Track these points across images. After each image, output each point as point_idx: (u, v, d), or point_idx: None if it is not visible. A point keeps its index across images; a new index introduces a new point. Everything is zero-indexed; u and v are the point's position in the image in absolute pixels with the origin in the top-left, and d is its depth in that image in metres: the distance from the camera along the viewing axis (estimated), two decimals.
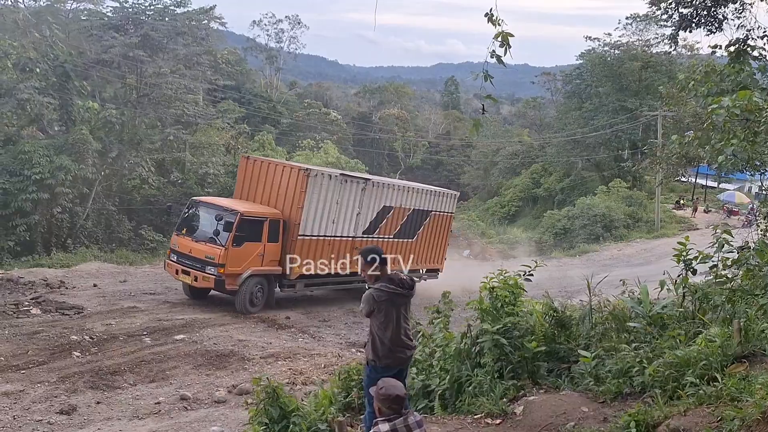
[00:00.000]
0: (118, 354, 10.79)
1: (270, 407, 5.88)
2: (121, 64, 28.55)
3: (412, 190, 18.68)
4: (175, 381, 10.06)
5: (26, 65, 24.20)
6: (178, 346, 11.65)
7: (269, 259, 14.74)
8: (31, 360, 10.01)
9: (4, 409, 8.21)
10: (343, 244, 16.28)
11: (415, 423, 3.92)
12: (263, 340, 12.90)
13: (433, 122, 67.16)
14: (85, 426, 8.10)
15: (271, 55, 63.62)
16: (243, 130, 37.47)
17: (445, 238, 20.39)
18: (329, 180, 15.78)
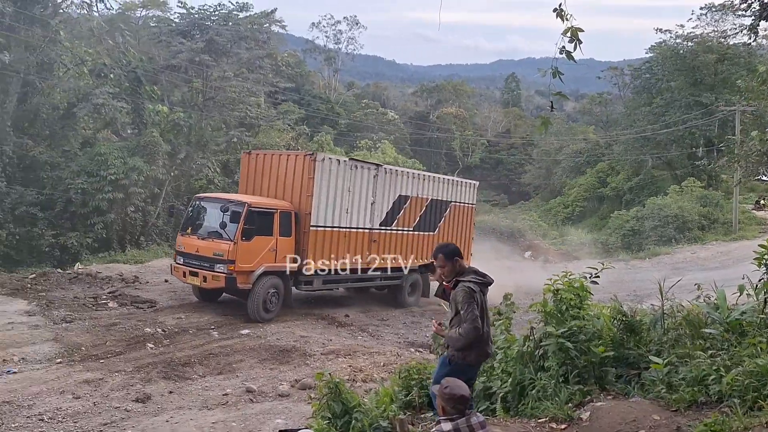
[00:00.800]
0: (188, 346, 11.25)
1: (333, 402, 6.00)
2: (188, 69, 29.59)
3: (428, 178, 17.71)
4: (241, 374, 10.40)
5: (101, 71, 25.45)
6: (243, 340, 12.04)
7: (283, 255, 13.80)
8: (109, 350, 10.58)
9: (85, 396, 8.72)
10: (359, 237, 15.39)
11: (478, 424, 3.92)
12: (324, 337, 13.14)
13: (493, 120, 66.30)
14: (158, 414, 8.50)
15: (329, 56, 64.52)
16: (303, 131, 38.15)
17: (470, 232, 19.24)
18: (338, 165, 14.82)
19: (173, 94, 31.62)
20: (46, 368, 9.44)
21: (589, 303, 6.49)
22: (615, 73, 55.44)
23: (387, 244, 15.97)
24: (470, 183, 19.59)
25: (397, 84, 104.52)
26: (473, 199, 19.36)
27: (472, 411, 4.04)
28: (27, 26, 22.32)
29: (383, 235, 15.88)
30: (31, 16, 22.34)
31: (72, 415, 8.17)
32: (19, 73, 21.96)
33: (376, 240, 15.63)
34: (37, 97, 23.28)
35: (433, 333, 9.94)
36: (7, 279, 14.61)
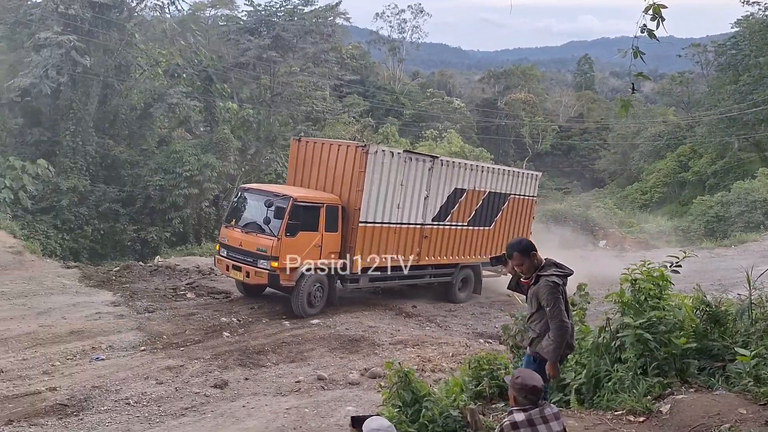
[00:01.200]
0: (261, 335, 11.59)
1: (403, 391, 6.03)
2: (256, 66, 30.35)
3: (487, 171, 16.65)
4: (312, 362, 10.62)
5: (174, 71, 26.52)
6: (314, 329, 12.28)
7: (328, 251, 13.13)
8: (188, 338, 11.05)
9: (168, 381, 9.16)
10: (410, 233, 14.57)
11: (552, 415, 3.83)
12: (392, 327, 13.20)
13: (564, 105, 64.27)
14: (236, 399, 8.81)
15: (393, 46, 64.53)
16: (368, 123, 38.43)
17: (528, 226, 18.20)
18: (391, 158, 13.90)
19: (242, 91, 32.54)
20: (131, 355, 9.96)
21: (670, 293, 6.20)
22: (697, 51, 52.28)
23: (439, 240, 15.28)
24: (532, 174, 18.60)
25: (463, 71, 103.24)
26: (534, 191, 18.40)
27: (546, 402, 3.95)
28: (105, 31, 23.54)
29: (435, 231, 15.12)
30: (108, 21, 23.52)
31: (156, 399, 8.60)
32: (99, 76, 23.21)
33: (427, 236, 14.90)
34: (116, 98, 24.55)
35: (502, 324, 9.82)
36: (93, 272, 15.50)
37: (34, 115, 22.94)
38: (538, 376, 4.00)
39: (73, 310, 11.90)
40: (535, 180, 18.44)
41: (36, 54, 21.39)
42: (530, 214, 18.24)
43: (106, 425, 7.76)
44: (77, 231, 20.76)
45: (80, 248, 20.56)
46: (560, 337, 4.82)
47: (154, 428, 7.78)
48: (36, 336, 10.28)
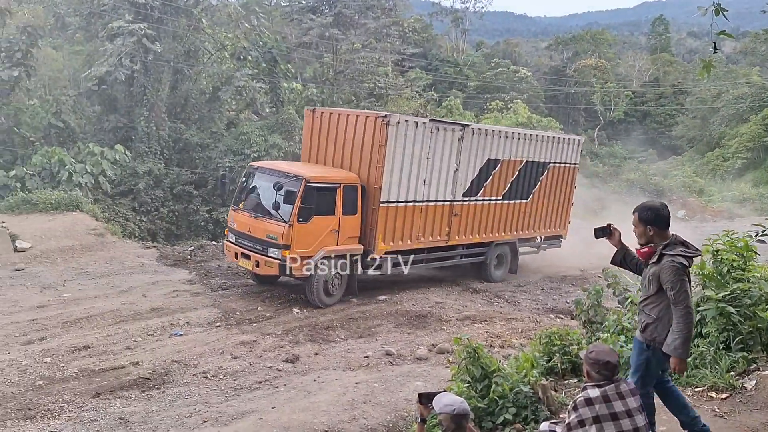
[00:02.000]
0: (330, 311, 11.79)
1: (472, 366, 5.97)
2: (319, 45, 30.50)
3: (524, 137, 15.27)
4: (380, 337, 10.73)
5: (240, 54, 26.99)
6: (380, 305, 12.37)
7: (347, 236, 12.06)
8: (260, 315, 11.39)
9: (242, 356, 9.49)
10: (438, 211, 13.48)
11: (629, 391, 3.68)
12: (459, 303, 13.13)
13: (638, 69, 60.98)
14: (306, 374, 9.03)
15: (456, 17, 63.09)
16: (431, 97, 37.92)
17: (569, 197, 16.96)
18: (415, 128, 12.62)
19: (305, 71, 32.83)
20: (207, 331, 10.37)
21: (755, 264, 5.80)
22: None
23: (470, 217, 14.22)
24: (574, 140, 17.14)
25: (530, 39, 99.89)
26: (576, 157, 17.05)
27: (622, 378, 3.79)
28: (173, 17, 24.21)
29: (466, 207, 14.03)
30: (176, 7, 24.16)
31: (231, 373, 8.93)
32: (169, 62, 23.98)
33: (457, 213, 13.82)
34: (186, 83, 25.29)
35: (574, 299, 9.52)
36: (170, 251, 16.21)
37: (110, 102, 24.02)
38: (614, 352, 3.83)
39: (153, 289, 12.49)
40: (577, 146, 17.14)
41: (110, 43, 22.30)
42: (572, 184, 17.02)
43: (186, 398, 8.13)
44: (154, 213, 21.69)
45: (157, 229, 21.49)
46: (687, 327, 4.18)
47: (231, 401, 8.08)
48: (119, 313, 10.88)
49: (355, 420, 7.46)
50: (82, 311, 10.83)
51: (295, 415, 7.46)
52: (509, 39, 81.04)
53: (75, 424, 7.30)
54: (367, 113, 13.02)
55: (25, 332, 9.81)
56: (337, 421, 7.38)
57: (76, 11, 25.54)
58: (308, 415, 7.46)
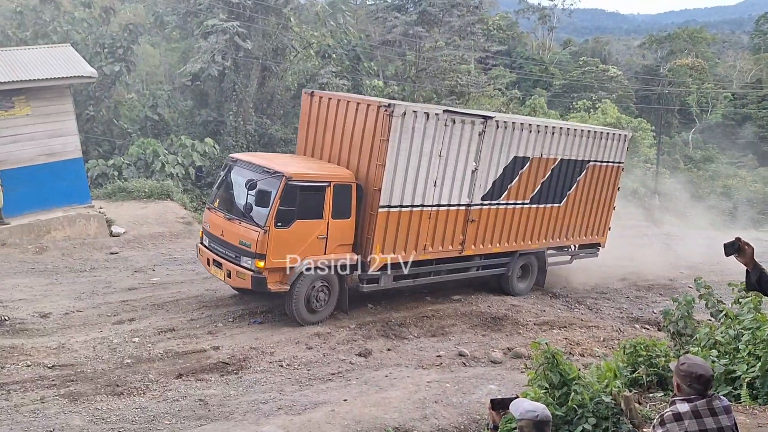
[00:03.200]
0: (403, 308, 11.75)
1: (550, 372, 5.74)
2: (402, 42, 30.55)
3: (560, 132, 13.06)
4: (454, 338, 10.57)
5: (325, 52, 27.49)
6: (455, 305, 12.19)
7: (337, 244, 10.26)
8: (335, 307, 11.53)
9: (316, 347, 9.64)
10: (451, 217, 11.53)
11: (722, 408, 3.38)
12: (537, 308, 12.73)
13: (739, 70, 56.99)
14: (378, 369, 9.03)
15: (544, 14, 61.43)
16: (514, 95, 37.12)
17: (611, 200, 14.73)
18: (426, 121, 10.64)
19: (387, 68, 32.97)
20: (284, 320, 10.60)
21: None
22: None
23: (490, 223, 12.26)
24: (619, 134, 14.74)
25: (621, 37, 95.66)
26: (621, 155, 14.68)
27: (715, 394, 3.49)
28: (264, 16, 25.00)
29: (486, 213, 12.08)
30: (267, 6, 24.94)
31: (305, 363, 9.08)
32: (258, 59, 24.76)
33: (474, 219, 11.88)
34: (273, 80, 26.04)
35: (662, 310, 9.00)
36: None
37: (202, 97, 25.15)
38: (707, 365, 3.54)
39: None
40: (623, 142, 14.68)
41: (204, 41, 23.33)
42: (614, 185, 14.75)
43: (262, 384, 8.34)
44: None
45: None
46: None
47: (304, 390, 8.21)
48: (202, 299, 11.33)
49: (426, 419, 7.38)
50: (168, 295, 11.36)
51: (366, 409, 7.47)
52: (599, 37, 77.95)
53: (158, 402, 7.65)
54: (369, 100, 11.03)
55: (116, 312, 10.41)
56: (408, 418, 7.33)
57: (174, 10, 26.90)
58: (379, 410, 7.45)
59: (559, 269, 14.81)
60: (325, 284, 10.35)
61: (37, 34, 23.38)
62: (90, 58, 20.75)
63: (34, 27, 23.72)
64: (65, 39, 22.21)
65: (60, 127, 15.56)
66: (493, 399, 3.73)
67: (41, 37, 23.16)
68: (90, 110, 22.84)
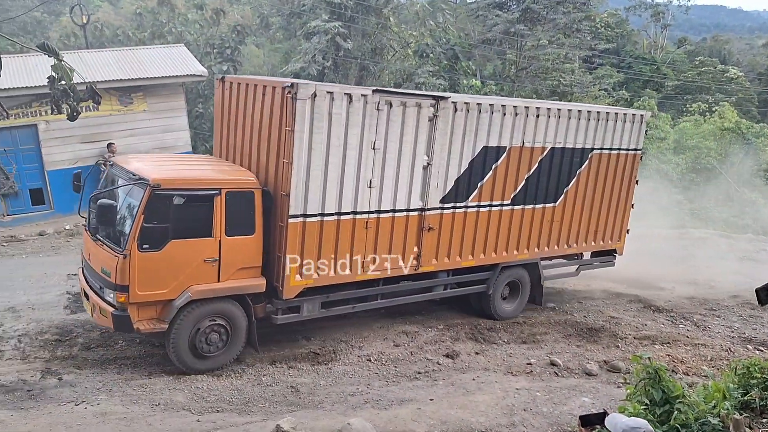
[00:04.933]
0: None
1: (651, 388, 5.42)
2: (502, 41, 30.03)
3: (547, 114, 10.47)
4: (546, 346, 10.23)
5: (423, 51, 27.55)
6: (548, 313, 11.81)
7: (237, 267, 8.05)
8: (423, 307, 11.49)
9: (403, 345, 9.67)
10: (398, 226, 9.19)
11: None
12: (637, 321, 12.06)
13: None
14: (466, 371, 8.92)
15: (657, 11, 58.09)
16: (621, 96, 35.39)
17: (627, 196, 12.24)
18: (348, 104, 8.30)
19: (485, 68, 32.52)
20: (372, 317, 10.71)
21: None
22: None
23: (456, 231, 9.87)
24: (632, 115, 11.97)
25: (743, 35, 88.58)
26: (637, 140, 12.04)
27: None
28: (364, 16, 25.43)
29: (448, 218, 9.71)
30: (368, 6, 25.35)
31: (393, 360, 9.14)
32: (356, 59, 25.24)
33: (433, 227, 9.54)
34: (370, 79, 26.44)
35: None
36: None
37: None
38: None
39: None
40: (638, 124, 12.02)
41: (306, 41, 24.09)
42: (631, 178, 12.20)
43: (350, 377, 8.48)
44: None
45: None
46: None
47: (391, 387, 8.26)
48: None
49: (514, 426, 7.19)
50: None
51: (452, 410, 7.40)
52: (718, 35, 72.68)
53: (253, 386, 8.00)
54: (275, 81, 8.44)
55: None
56: (495, 423, 7.17)
57: (279, 11, 27.98)
58: (466, 412, 7.35)
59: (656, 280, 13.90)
60: (220, 321, 8.08)
61: (154, 34, 25.15)
62: (201, 58, 22.05)
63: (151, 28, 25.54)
64: (179, 39, 23.74)
65: (173, 123, 16.66)
66: (582, 415, 3.57)
67: (158, 37, 24.89)
68: (199, 107, 24.24)
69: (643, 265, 14.67)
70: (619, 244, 12.54)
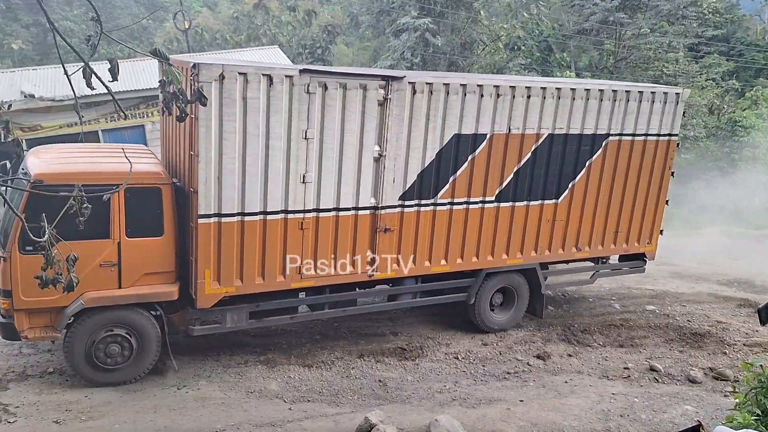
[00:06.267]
0: (587, 314, 11.07)
1: (764, 397, 4.99)
2: (599, 31, 28.72)
3: (541, 94, 8.83)
4: (645, 351, 9.70)
5: (515, 44, 26.92)
6: (647, 316, 11.20)
7: (143, 272, 7.33)
8: None
9: (492, 344, 9.49)
10: (344, 227, 8.03)
11: None
12: (748, 327, 11.15)
13: None
14: (557, 374, 8.63)
15: None
16: (731, 86, 32.88)
17: (659, 191, 10.28)
18: (269, 86, 7.13)
19: (580, 59, 31.25)
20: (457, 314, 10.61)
21: None
22: None
23: (422, 232, 8.59)
24: (661, 93, 9.87)
25: None
26: (671, 124, 10.02)
27: None
28: (454, 11, 25.20)
29: (410, 218, 8.42)
30: (457, 1, 25.10)
31: (481, 358, 9.00)
32: (445, 54, 25.05)
33: (390, 228, 8.30)
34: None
35: None
36: None
37: None
38: None
39: None
40: (672, 104, 9.97)
41: (395, 39, 24.21)
42: (663, 169, 10.20)
43: (437, 374, 8.45)
44: None
45: None
46: None
47: (479, 385, 8.15)
48: None
49: None
50: None
51: (543, 413, 7.19)
52: None
53: (342, 378, 8.16)
54: (187, 62, 7.13)
55: None
56: (589, 428, 6.90)
57: (368, 9, 28.30)
58: (558, 415, 7.12)
59: None
60: (120, 332, 7.41)
61: (249, 37, 26.23)
62: (293, 58, 22.74)
63: (247, 31, 26.65)
64: (273, 41, 24.61)
65: None
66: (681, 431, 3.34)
67: (253, 40, 25.93)
68: None
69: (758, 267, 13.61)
70: (649, 247, 10.64)
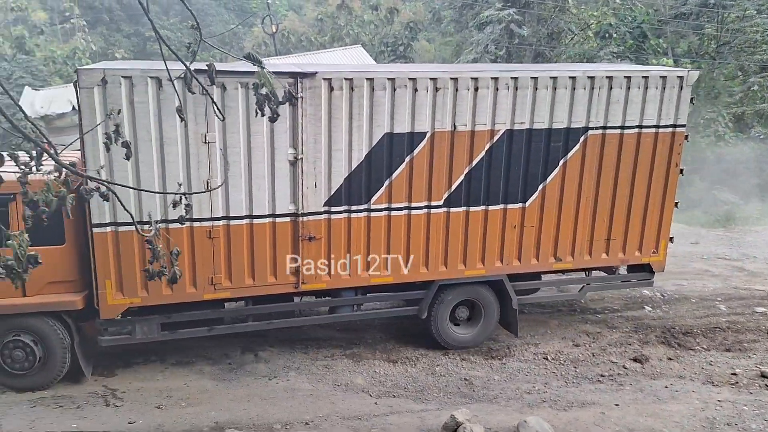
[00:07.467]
0: (689, 315, 10.38)
1: None
2: (699, 14, 26.93)
3: (491, 84, 7.90)
4: (755, 355, 8.96)
5: (606, 32, 25.70)
6: (757, 318, 10.34)
7: (47, 281, 7.25)
8: (606, 306, 10.74)
9: (584, 345, 9.10)
10: (261, 236, 7.61)
11: None
12: None
13: None
14: (656, 378, 8.14)
15: None
16: None
17: (665, 192, 8.94)
18: (157, 90, 6.87)
19: (678, 45, 29.43)
20: (550, 312, 10.27)
21: None
22: None
23: (355, 240, 7.97)
24: (658, 77, 8.50)
25: None
26: (674, 113, 8.66)
27: None
28: (540, 1, 24.43)
29: (339, 225, 7.84)
30: None
31: (572, 360, 8.64)
32: (531, 45, 24.34)
33: (315, 237, 7.77)
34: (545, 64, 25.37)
35: None
36: None
37: None
38: None
39: None
40: (675, 89, 8.59)
41: (479, 32, 23.80)
42: (668, 167, 8.86)
43: (526, 374, 8.20)
44: None
45: None
46: None
47: (570, 387, 7.84)
48: None
49: None
50: None
51: (641, 418, 6.80)
52: None
53: (427, 375, 8.12)
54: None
55: None
56: None
57: (451, 4, 27.99)
58: (657, 422, 6.71)
59: None
60: (29, 339, 7.39)
61: (333, 38, 26.67)
62: (376, 57, 22.90)
63: (331, 32, 27.11)
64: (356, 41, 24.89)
65: None
66: None
67: (336, 40, 26.35)
68: None
69: None
70: (655, 257, 9.27)
